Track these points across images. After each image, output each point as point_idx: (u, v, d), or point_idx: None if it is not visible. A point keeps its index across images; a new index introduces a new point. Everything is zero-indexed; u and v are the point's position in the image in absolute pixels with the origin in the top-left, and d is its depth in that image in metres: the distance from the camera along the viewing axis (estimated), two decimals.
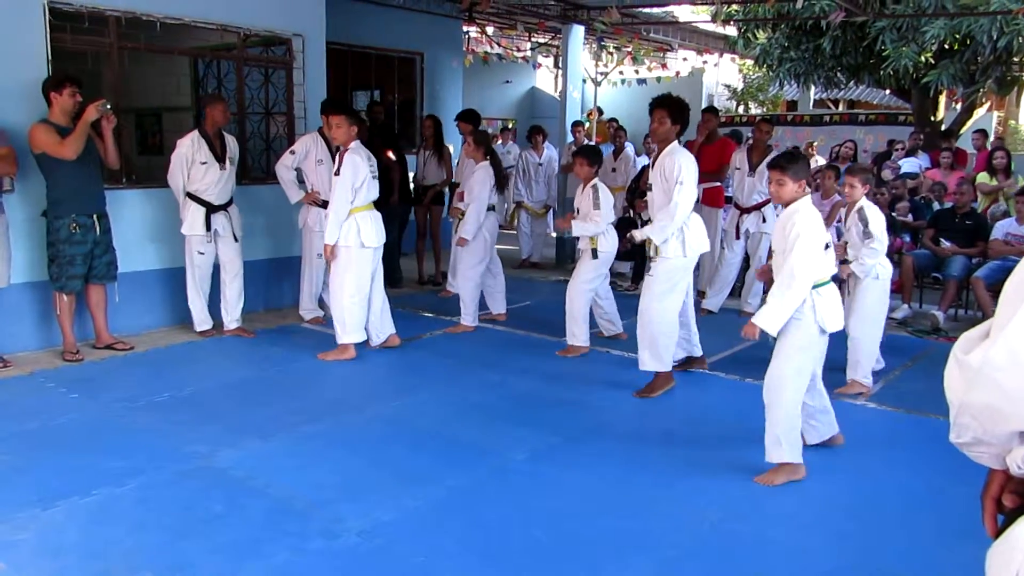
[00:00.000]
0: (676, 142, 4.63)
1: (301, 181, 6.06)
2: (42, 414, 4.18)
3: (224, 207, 5.67)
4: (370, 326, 5.47)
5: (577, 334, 5.52)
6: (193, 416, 4.21)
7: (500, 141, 13.24)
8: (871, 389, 4.77)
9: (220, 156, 5.59)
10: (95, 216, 5.10)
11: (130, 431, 4.02)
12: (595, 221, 5.32)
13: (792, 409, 3.49)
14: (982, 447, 1.10)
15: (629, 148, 9.24)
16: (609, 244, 5.49)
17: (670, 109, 4.57)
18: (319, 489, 3.37)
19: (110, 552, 2.84)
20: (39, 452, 3.70)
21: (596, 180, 5.46)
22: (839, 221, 7.28)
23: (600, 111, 12.77)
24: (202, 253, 5.65)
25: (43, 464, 3.57)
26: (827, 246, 3.55)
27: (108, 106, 4.94)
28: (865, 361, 4.76)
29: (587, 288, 5.51)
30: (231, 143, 5.75)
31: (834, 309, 3.54)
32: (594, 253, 5.39)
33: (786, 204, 3.56)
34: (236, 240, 5.77)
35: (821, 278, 3.51)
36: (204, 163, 5.52)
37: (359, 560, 2.83)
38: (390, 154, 7.28)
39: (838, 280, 4.25)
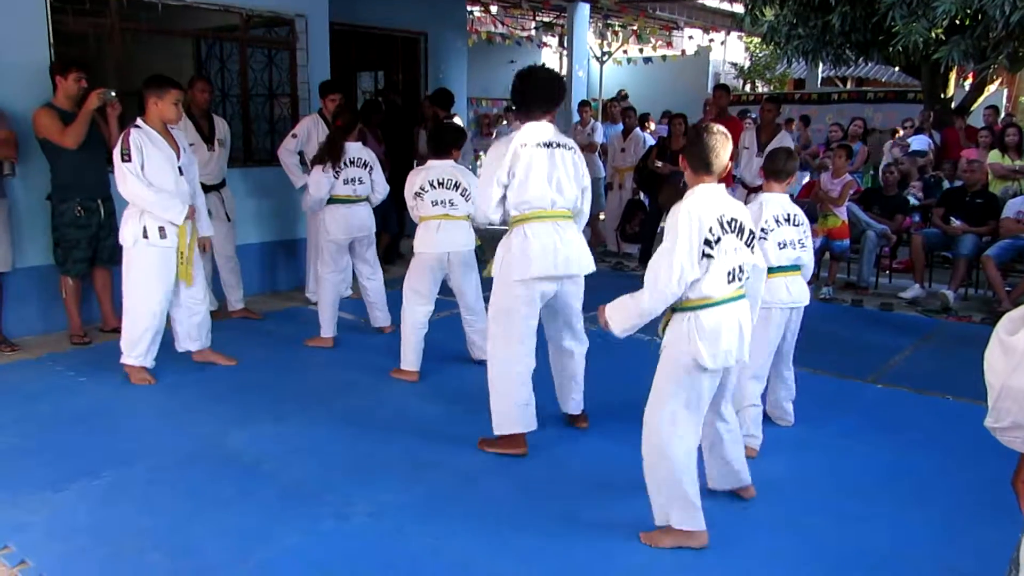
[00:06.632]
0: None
1: (304, 163, 6.04)
2: (51, 397, 4.19)
3: (216, 188, 5.67)
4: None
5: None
6: (202, 398, 4.22)
7: (505, 122, 13.17)
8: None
9: (208, 137, 5.59)
10: (100, 200, 5.09)
11: (139, 413, 4.04)
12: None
13: (673, 469, 2.71)
14: (1018, 431, 1.06)
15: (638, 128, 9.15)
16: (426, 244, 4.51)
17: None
18: (329, 471, 3.37)
19: (120, 534, 2.85)
20: (49, 435, 3.72)
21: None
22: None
23: (625, 95, 12.74)
24: None
25: (53, 447, 3.58)
26: (704, 255, 2.57)
27: (112, 94, 4.92)
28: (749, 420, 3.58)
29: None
30: (220, 125, 5.74)
31: (718, 339, 2.63)
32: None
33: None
34: (229, 220, 5.77)
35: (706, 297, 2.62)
36: (192, 144, 5.49)
37: (369, 542, 2.83)
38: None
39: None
